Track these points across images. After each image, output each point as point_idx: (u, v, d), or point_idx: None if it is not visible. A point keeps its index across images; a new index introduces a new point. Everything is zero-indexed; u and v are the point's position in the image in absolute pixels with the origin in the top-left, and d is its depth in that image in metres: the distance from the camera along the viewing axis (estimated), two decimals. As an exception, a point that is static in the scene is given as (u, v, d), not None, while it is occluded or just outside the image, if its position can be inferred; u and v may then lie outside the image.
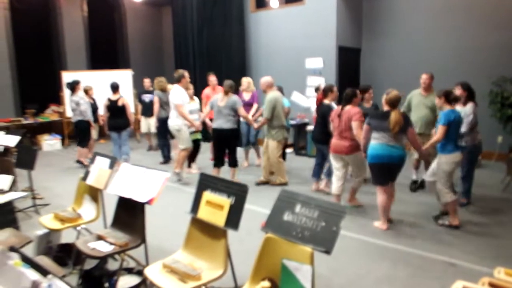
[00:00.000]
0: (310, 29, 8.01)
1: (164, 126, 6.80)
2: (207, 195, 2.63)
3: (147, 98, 8.37)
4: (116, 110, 6.84)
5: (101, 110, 7.54)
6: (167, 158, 7.26)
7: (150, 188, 2.87)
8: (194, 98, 6.45)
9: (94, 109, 7.45)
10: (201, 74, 9.49)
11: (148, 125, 8.39)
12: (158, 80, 7.15)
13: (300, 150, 7.94)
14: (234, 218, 2.45)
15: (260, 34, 8.98)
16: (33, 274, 1.54)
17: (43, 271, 1.55)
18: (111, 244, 2.77)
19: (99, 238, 2.86)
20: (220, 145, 5.56)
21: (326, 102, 5.13)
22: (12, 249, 1.73)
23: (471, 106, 4.43)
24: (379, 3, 8.11)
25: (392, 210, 4.42)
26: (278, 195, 2.40)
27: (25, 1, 9.37)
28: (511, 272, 1.74)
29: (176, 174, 5.91)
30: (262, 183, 5.78)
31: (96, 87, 7.79)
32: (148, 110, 8.15)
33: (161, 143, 7.31)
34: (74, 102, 6.86)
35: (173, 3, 10.25)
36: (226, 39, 9.19)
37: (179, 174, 5.93)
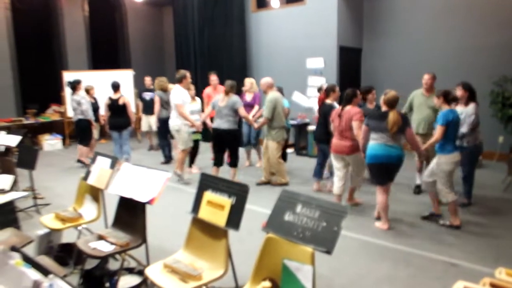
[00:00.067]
0: (311, 29, 8.01)
1: (164, 126, 6.80)
2: (208, 195, 2.63)
3: (148, 96, 8.46)
4: (117, 109, 6.84)
5: (102, 110, 7.54)
6: (168, 158, 7.26)
7: (151, 188, 2.88)
8: (195, 98, 6.45)
9: (95, 108, 7.46)
10: (202, 74, 9.48)
11: (148, 123, 8.41)
12: (159, 80, 7.15)
13: (301, 150, 7.94)
14: (235, 218, 2.45)
15: (261, 34, 8.98)
16: (34, 274, 1.54)
17: (44, 271, 1.55)
18: (112, 244, 2.77)
19: (100, 238, 2.86)
20: (218, 144, 5.59)
21: (328, 102, 5.15)
22: (13, 248, 1.73)
23: (473, 107, 4.43)
24: (380, 3, 8.10)
25: (392, 210, 4.42)
26: (279, 195, 2.40)
27: (26, 1, 9.38)
28: (512, 272, 1.73)
29: (177, 175, 5.93)
30: (263, 183, 5.79)
31: (97, 87, 7.80)
32: (148, 108, 8.20)
33: (161, 143, 7.31)
34: (75, 102, 6.86)
35: (174, 3, 10.25)
36: (227, 39, 9.18)
37: (180, 176, 5.95)
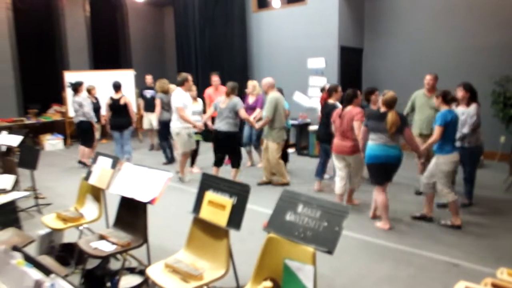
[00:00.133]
0: (312, 29, 8.01)
1: (165, 128, 6.83)
2: (209, 195, 2.63)
3: (149, 94, 8.60)
4: (118, 109, 6.84)
5: (103, 110, 7.55)
6: (170, 159, 7.25)
7: (152, 188, 2.88)
8: (197, 99, 6.46)
9: (96, 108, 7.46)
10: (203, 74, 9.49)
11: (149, 120, 8.46)
12: (160, 82, 7.15)
13: (302, 150, 7.93)
14: (236, 218, 2.45)
15: (262, 34, 8.98)
16: (35, 274, 1.54)
17: (46, 271, 1.56)
18: (113, 243, 2.77)
19: (101, 237, 2.87)
20: (218, 146, 5.61)
21: (331, 101, 5.17)
22: (14, 248, 1.74)
23: (475, 107, 4.42)
24: (381, 3, 8.10)
25: (393, 210, 4.42)
26: (280, 195, 2.40)
27: (27, 1, 9.40)
28: (514, 272, 1.73)
29: (178, 178, 5.98)
30: (263, 184, 5.79)
31: (98, 87, 7.80)
32: (149, 105, 8.35)
33: (162, 144, 7.31)
34: (77, 103, 6.85)
35: (175, 3, 10.26)
36: (228, 39, 9.19)
37: (181, 178, 5.99)
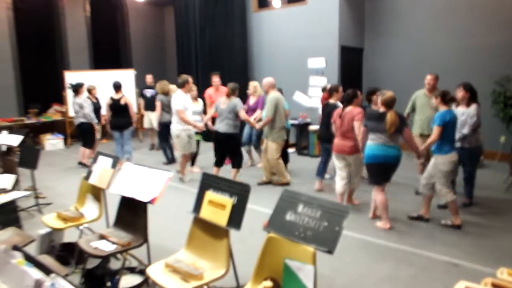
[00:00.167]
0: (313, 29, 8.00)
1: (165, 130, 6.84)
2: (210, 195, 2.63)
3: (149, 93, 8.63)
4: (118, 109, 6.84)
5: (103, 110, 7.55)
6: (171, 160, 7.24)
7: (153, 187, 2.88)
8: (197, 99, 6.46)
9: (97, 108, 7.45)
10: (203, 73, 9.49)
11: (149, 120, 8.47)
12: (161, 83, 7.16)
13: (302, 150, 7.93)
14: (236, 217, 2.45)
15: (262, 34, 8.97)
16: (36, 273, 1.55)
17: (46, 270, 1.56)
18: (114, 243, 2.77)
19: (102, 237, 2.87)
20: (218, 146, 5.62)
21: (332, 101, 5.19)
22: (15, 248, 1.74)
23: (475, 108, 4.41)
24: (382, 3, 8.09)
25: (393, 210, 4.42)
26: (281, 195, 2.40)
27: (28, 1, 9.40)
28: (514, 272, 1.73)
29: (179, 178, 5.99)
30: (264, 183, 5.79)
31: (98, 87, 7.79)
32: (149, 105, 8.39)
33: (162, 146, 7.31)
34: (78, 105, 6.84)
35: (175, 3, 10.25)
36: (228, 39, 9.18)
37: (182, 178, 6.01)
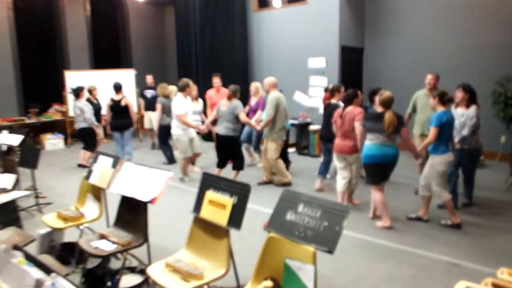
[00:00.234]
0: (313, 28, 8.00)
1: (164, 132, 6.85)
2: (210, 195, 2.63)
3: (149, 93, 8.64)
4: (119, 110, 6.84)
5: (104, 110, 7.55)
6: (171, 160, 7.24)
7: (153, 187, 2.88)
8: (198, 99, 6.46)
9: (97, 109, 7.45)
10: (203, 73, 9.49)
11: (150, 120, 8.47)
12: (161, 86, 7.17)
13: (302, 149, 7.93)
14: (236, 217, 2.45)
15: (262, 34, 8.97)
16: (36, 273, 1.55)
17: (47, 270, 1.56)
18: (114, 243, 2.77)
19: (102, 237, 2.87)
20: (219, 148, 5.63)
21: (333, 101, 5.21)
22: (15, 247, 1.74)
23: (475, 109, 4.39)
24: (382, 3, 8.09)
25: (393, 209, 4.42)
26: (281, 195, 2.40)
27: (28, 1, 9.40)
28: (515, 272, 1.73)
29: (179, 178, 6.01)
30: (264, 183, 5.79)
31: (99, 87, 7.80)
32: (150, 105, 8.40)
33: (162, 148, 7.31)
34: (79, 108, 6.83)
35: (175, 3, 10.26)
36: (228, 39, 9.18)
37: (182, 178, 6.03)
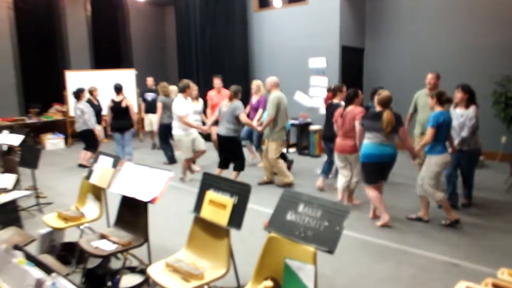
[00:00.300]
0: (313, 28, 8.00)
1: (165, 131, 6.84)
2: (210, 195, 2.63)
3: (150, 96, 8.56)
4: (119, 111, 6.84)
5: (104, 111, 7.54)
6: (171, 160, 7.25)
7: (153, 187, 2.88)
8: (198, 99, 6.47)
9: (98, 110, 7.45)
10: (204, 73, 9.49)
11: (151, 122, 8.44)
12: (161, 85, 7.17)
13: (303, 150, 7.93)
14: (237, 217, 2.45)
15: (263, 34, 8.97)
16: (37, 272, 1.55)
17: (47, 269, 1.56)
18: (114, 243, 2.78)
19: (102, 237, 2.87)
20: (220, 148, 5.64)
21: (335, 101, 5.22)
22: (16, 247, 1.74)
23: (474, 110, 4.38)
24: (382, 3, 8.09)
25: (393, 209, 4.43)
26: (281, 195, 2.40)
27: (29, 1, 9.41)
28: (515, 272, 1.73)
29: (180, 178, 6.01)
30: (264, 183, 5.79)
31: (99, 87, 7.80)
32: (151, 108, 8.30)
33: (163, 147, 7.31)
34: (80, 110, 6.84)
35: (176, 3, 10.26)
36: (229, 39, 9.18)
37: (182, 178, 6.04)
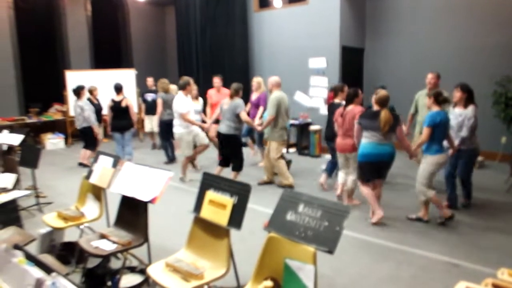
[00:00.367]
0: (314, 29, 8.00)
1: (165, 128, 6.82)
2: (210, 194, 2.63)
3: (150, 97, 8.47)
4: (119, 111, 6.84)
5: (104, 111, 7.55)
6: (171, 159, 7.25)
7: (153, 187, 2.88)
8: (198, 98, 6.47)
9: (98, 109, 7.45)
10: (204, 73, 9.49)
11: (151, 123, 8.43)
12: (161, 81, 7.15)
13: (303, 150, 7.93)
14: (237, 217, 2.45)
15: (263, 34, 8.97)
16: (37, 272, 1.55)
17: (47, 269, 1.56)
18: (114, 242, 2.78)
19: (102, 236, 2.87)
20: (221, 147, 5.64)
21: (337, 101, 5.23)
22: (16, 247, 1.74)
23: (472, 109, 4.38)
24: (383, 3, 8.09)
25: (394, 209, 4.43)
26: (281, 195, 2.40)
27: (29, 0, 9.41)
28: (515, 273, 1.73)
29: (180, 178, 6.01)
30: (264, 183, 5.79)
31: (99, 87, 7.80)
32: (151, 109, 8.23)
33: (164, 144, 7.32)
34: (79, 107, 6.84)
35: (176, 3, 10.26)
36: (229, 39, 9.18)
37: (182, 178, 6.03)
